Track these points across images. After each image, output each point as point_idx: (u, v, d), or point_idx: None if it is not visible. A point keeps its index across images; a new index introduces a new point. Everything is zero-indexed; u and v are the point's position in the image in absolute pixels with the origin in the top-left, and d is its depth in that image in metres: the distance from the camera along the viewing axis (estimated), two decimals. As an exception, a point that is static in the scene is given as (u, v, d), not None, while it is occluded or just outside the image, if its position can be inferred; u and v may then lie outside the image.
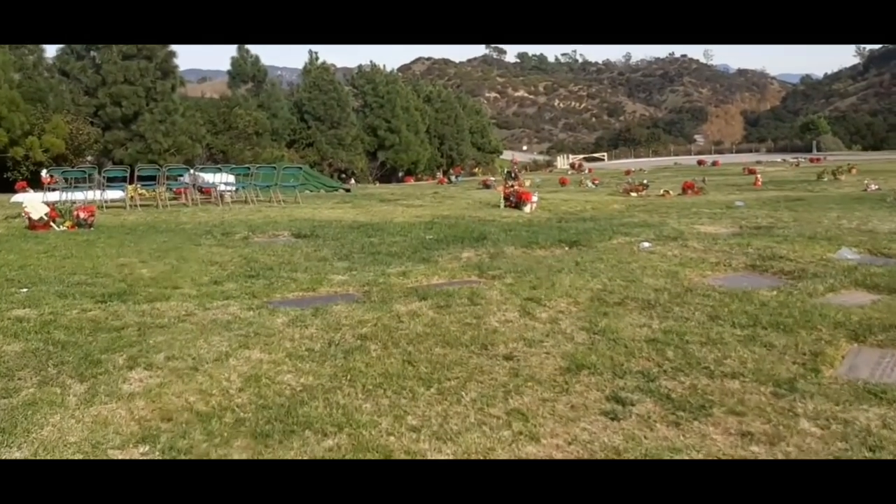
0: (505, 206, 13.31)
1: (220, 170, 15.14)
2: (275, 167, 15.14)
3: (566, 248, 7.67)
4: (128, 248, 7.84)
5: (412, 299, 5.13)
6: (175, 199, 14.95)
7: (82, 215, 10.28)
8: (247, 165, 15.30)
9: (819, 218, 9.77)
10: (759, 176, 22.46)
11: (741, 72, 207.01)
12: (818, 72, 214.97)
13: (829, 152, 62.23)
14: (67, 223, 10.09)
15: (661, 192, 17.01)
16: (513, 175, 12.81)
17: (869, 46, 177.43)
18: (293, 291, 5.57)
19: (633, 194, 16.76)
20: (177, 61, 32.31)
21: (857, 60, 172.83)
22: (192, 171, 15.77)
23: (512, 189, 13.21)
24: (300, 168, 15.58)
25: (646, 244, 7.28)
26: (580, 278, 5.74)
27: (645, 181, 17.84)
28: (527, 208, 12.90)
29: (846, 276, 5.68)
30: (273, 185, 14.67)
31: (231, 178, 15.71)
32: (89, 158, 31.20)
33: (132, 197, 14.18)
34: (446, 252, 7.36)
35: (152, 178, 14.85)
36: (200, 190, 14.76)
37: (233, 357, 3.85)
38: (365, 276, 6.07)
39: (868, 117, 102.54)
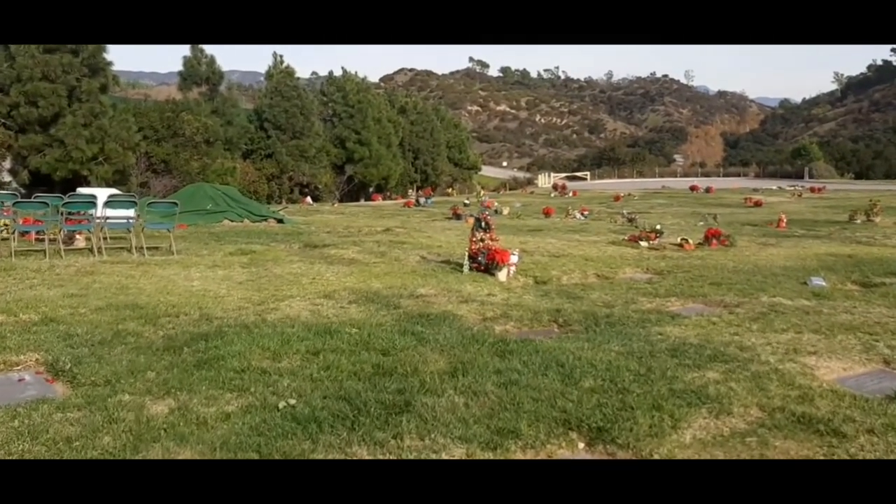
0: (471, 267, 9.16)
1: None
2: (134, 199, 10.67)
3: (581, 450, 3.53)
4: None
5: None
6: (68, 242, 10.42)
7: None
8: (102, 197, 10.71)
9: None
10: (783, 216, 18.59)
11: (721, 93, 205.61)
12: (796, 96, 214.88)
13: (823, 180, 58.99)
14: None
15: (679, 240, 13.00)
16: (483, 224, 8.70)
17: (847, 73, 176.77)
18: None
19: (644, 244, 12.70)
20: (109, 57, 27.64)
21: (834, 86, 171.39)
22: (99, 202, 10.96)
23: (482, 245, 9.08)
24: (175, 204, 11.08)
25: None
26: None
27: (658, 226, 13.78)
28: (502, 274, 8.77)
29: None
30: (142, 225, 10.23)
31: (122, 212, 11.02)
32: (7, 165, 27.10)
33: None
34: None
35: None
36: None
37: None
38: None
39: (851, 143, 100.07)
